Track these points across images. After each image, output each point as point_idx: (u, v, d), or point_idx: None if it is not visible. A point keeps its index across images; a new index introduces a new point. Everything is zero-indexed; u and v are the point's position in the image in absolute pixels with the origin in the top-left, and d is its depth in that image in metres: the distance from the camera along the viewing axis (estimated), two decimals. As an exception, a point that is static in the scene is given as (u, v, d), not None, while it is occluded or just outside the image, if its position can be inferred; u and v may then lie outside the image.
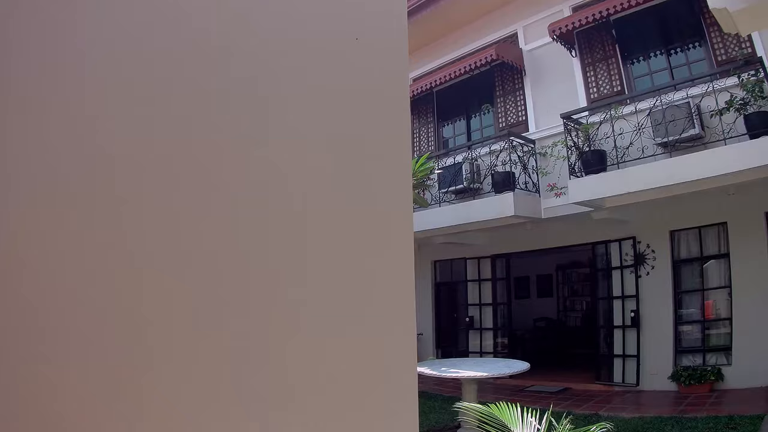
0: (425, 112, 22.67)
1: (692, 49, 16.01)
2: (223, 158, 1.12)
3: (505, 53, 18.58)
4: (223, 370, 1.06)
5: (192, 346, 1.02)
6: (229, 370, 1.07)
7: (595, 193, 14.62)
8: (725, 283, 15.62)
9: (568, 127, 15.64)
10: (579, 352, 22.52)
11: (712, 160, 12.56)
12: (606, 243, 18.16)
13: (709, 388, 14.84)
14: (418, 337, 21.92)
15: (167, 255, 1.01)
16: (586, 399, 15.89)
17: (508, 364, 13.07)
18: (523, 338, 24.95)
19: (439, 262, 23.73)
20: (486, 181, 17.72)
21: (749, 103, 12.59)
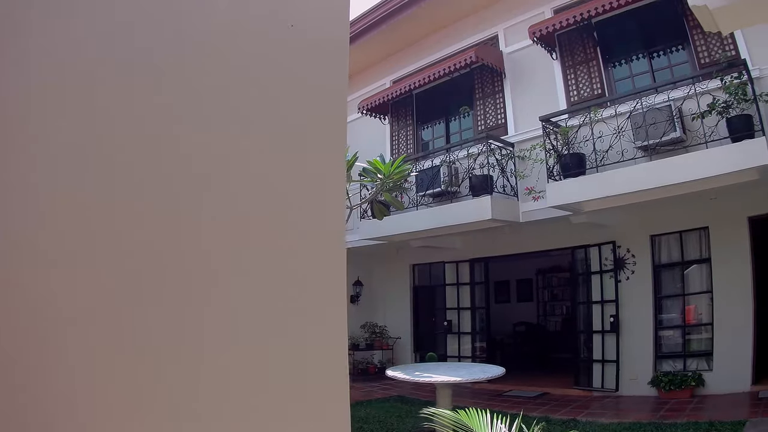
0: (405, 114, 22.37)
1: (675, 52, 15.69)
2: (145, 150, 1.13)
3: (485, 55, 18.20)
4: (139, 371, 1.07)
5: (102, 345, 1.03)
6: (147, 371, 1.08)
7: (573, 197, 14.41)
8: (706, 288, 15.43)
9: (546, 130, 15.39)
10: (559, 356, 22.41)
11: (693, 164, 12.38)
12: (586, 247, 17.91)
13: (690, 394, 14.68)
14: (396, 341, 21.75)
15: (80, 252, 1.01)
16: (564, 404, 15.70)
17: (483, 369, 12.94)
18: (503, 343, 24.74)
19: (417, 266, 23.47)
20: (464, 184, 17.47)
21: (732, 106, 12.41)
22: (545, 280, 28.78)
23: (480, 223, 16.46)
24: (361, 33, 20.94)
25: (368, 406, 16.17)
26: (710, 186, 12.73)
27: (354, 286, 23.39)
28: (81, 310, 1.00)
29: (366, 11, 20.75)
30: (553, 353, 23.74)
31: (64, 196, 1.03)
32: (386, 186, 13.48)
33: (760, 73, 12.91)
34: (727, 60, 13.09)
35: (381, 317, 23.57)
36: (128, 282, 1.07)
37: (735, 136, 12.13)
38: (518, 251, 20.32)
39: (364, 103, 21.58)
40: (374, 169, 13.33)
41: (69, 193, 1.03)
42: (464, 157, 17.42)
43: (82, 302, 1.00)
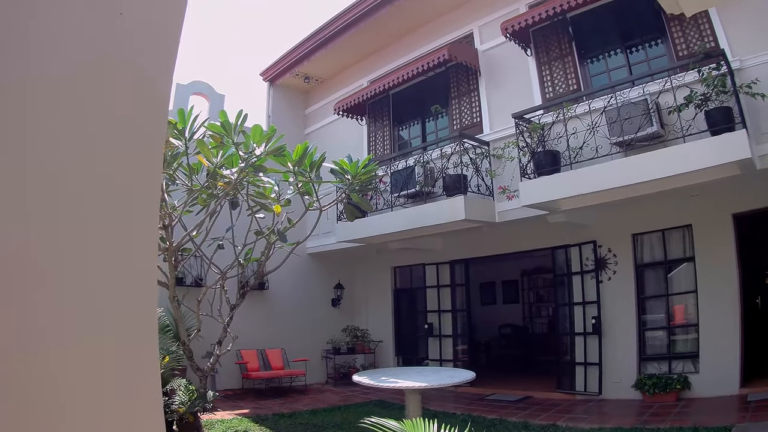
0: (381, 115, 21.83)
1: (652, 45, 15.11)
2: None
3: (459, 53, 17.65)
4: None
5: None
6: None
7: (547, 196, 13.95)
8: (691, 288, 15.01)
9: (520, 128, 14.86)
10: (543, 359, 21.90)
11: (670, 159, 11.86)
12: (566, 247, 17.46)
13: (675, 397, 14.21)
14: (378, 344, 21.31)
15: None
16: (546, 408, 15.21)
17: (452, 374, 12.42)
18: (487, 345, 24.44)
19: (398, 269, 23.01)
20: (439, 184, 16.88)
21: (710, 99, 11.79)
22: (530, 281, 28.24)
23: (454, 224, 15.99)
24: (336, 33, 20.56)
25: (346, 410, 15.79)
26: (690, 182, 12.33)
27: (335, 289, 22.99)
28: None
29: (341, 11, 20.20)
30: (538, 356, 23.29)
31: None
32: (354, 187, 13.03)
33: (741, 65, 12.39)
34: (704, 51, 12.49)
35: (363, 320, 23.09)
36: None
37: (714, 130, 11.59)
38: (498, 252, 19.94)
39: (340, 104, 21.09)
40: (341, 170, 12.90)
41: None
42: (438, 158, 16.99)
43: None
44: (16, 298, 1.54)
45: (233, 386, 19.30)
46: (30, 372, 1.46)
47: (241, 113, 11.20)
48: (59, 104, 1.59)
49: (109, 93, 1.72)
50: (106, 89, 1.75)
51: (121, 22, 1.60)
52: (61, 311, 1.81)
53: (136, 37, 1.67)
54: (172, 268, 11.84)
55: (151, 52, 1.78)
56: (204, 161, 11.14)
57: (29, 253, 1.64)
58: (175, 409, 11.43)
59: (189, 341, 12.19)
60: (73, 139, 1.58)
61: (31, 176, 1.32)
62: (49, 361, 1.64)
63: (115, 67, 1.68)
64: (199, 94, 21.42)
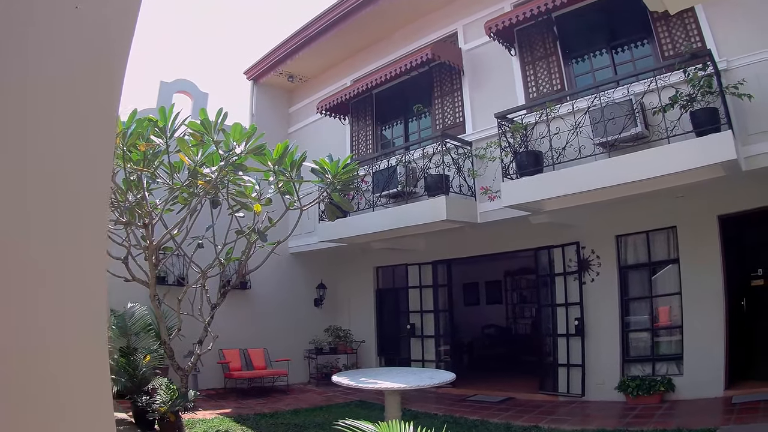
0: (364, 114, 21.56)
1: (638, 46, 14.95)
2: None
3: (443, 53, 17.41)
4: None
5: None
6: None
7: (529, 196, 13.79)
8: (675, 290, 14.87)
9: (502, 128, 14.65)
10: (527, 360, 21.73)
11: (654, 160, 11.74)
12: (549, 248, 17.31)
13: (659, 399, 14.07)
14: (360, 344, 21.15)
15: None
16: (528, 410, 15.00)
17: (432, 375, 12.19)
18: (470, 346, 24.28)
19: (381, 269, 22.75)
20: (420, 184, 16.68)
21: (696, 99, 11.64)
22: (513, 282, 28.13)
23: (436, 224, 15.80)
24: (321, 32, 20.29)
25: (327, 411, 15.59)
26: (675, 183, 12.17)
27: (317, 289, 22.70)
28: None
29: (326, 10, 19.91)
30: (521, 356, 23.15)
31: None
32: (335, 186, 12.92)
33: (728, 65, 12.27)
34: (691, 51, 12.39)
35: (345, 321, 22.82)
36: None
37: (699, 131, 11.44)
38: (480, 253, 19.76)
39: (323, 104, 20.83)
40: (322, 169, 12.79)
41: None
42: (420, 157, 16.79)
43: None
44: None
45: (216, 386, 19.05)
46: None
47: (221, 111, 11.07)
48: (6, 100, 1.58)
49: (58, 88, 1.68)
50: (54, 84, 1.70)
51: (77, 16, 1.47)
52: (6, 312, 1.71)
53: (89, 32, 1.55)
54: (152, 266, 11.72)
55: (104, 49, 1.74)
56: (185, 159, 11.02)
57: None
58: (157, 408, 11.34)
59: (170, 340, 12.07)
60: (14, 137, 1.54)
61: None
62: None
63: (66, 62, 1.65)
64: (183, 92, 21.21)
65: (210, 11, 53.59)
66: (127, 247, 11.91)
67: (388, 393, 10.98)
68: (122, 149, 10.66)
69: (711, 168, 11.34)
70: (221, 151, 10.92)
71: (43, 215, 1.71)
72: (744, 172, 11.60)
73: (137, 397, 12.36)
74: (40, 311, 1.72)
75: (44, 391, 1.76)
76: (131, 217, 11.57)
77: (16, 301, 1.67)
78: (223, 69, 55.36)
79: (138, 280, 11.89)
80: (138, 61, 47.99)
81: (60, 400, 1.76)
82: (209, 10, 53.61)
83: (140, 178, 11.36)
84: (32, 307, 1.69)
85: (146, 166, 11.14)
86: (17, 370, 1.62)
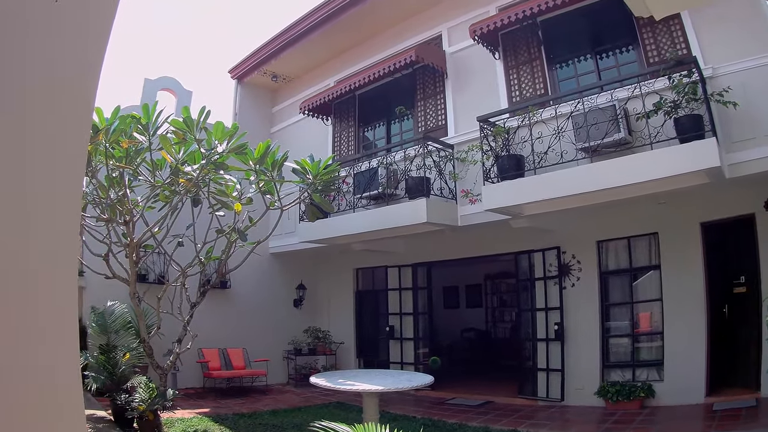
0: (347, 115, 21.37)
1: (623, 52, 14.88)
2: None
3: (427, 55, 17.27)
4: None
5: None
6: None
7: (510, 200, 13.72)
8: (656, 296, 14.84)
9: (485, 131, 14.52)
10: (506, 363, 21.64)
11: (637, 166, 11.75)
12: (529, 253, 17.24)
13: (639, 405, 14.02)
14: (339, 346, 21.05)
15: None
16: (507, 414, 14.89)
17: (410, 377, 12.08)
18: (449, 349, 24.09)
19: (361, 270, 22.57)
20: (401, 186, 16.55)
21: (680, 106, 11.59)
22: (493, 285, 27.96)
23: (416, 227, 15.71)
24: (305, 32, 20.08)
25: (306, 412, 15.46)
26: (657, 189, 12.21)
27: (297, 289, 22.45)
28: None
29: (311, 10, 19.70)
30: (501, 360, 23.12)
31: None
32: (316, 187, 12.90)
33: (713, 72, 12.28)
34: (676, 58, 12.38)
35: (325, 322, 22.61)
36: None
37: (683, 137, 11.38)
38: (461, 256, 19.66)
39: (306, 104, 20.60)
40: (303, 170, 12.76)
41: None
42: (402, 159, 16.63)
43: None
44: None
45: (195, 385, 18.83)
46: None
47: (204, 110, 11.00)
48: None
49: (36, 83, 1.67)
50: (33, 79, 1.69)
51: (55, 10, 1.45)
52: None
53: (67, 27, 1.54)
54: (132, 264, 11.67)
55: (82, 45, 1.74)
56: (167, 157, 10.98)
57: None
58: (135, 406, 11.21)
59: (149, 338, 12.02)
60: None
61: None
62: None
63: (43, 57, 1.64)
64: (167, 90, 21.01)
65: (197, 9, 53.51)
66: (108, 244, 11.86)
67: (366, 395, 10.82)
68: (105, 146, 10.62)
69: (694, 175, 11.33)
70: (203, 149, 10.87)
71: (13, 211, 1.69)
72: (728, 179, 11.56)
73: (116, 395, 12.16)
74: (11, 308, 1.71)
75: (13, 388, 1.74)
76: (113, 214, 11.49)
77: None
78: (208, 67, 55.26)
79: (118, 278, 11.82)
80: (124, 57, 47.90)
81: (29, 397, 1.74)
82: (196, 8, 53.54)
83: (122, 175, 11.29)
84: (2, 304, 1.68)
85: (128, 163, 11.08)
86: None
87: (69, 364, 1.93)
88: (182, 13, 53.86)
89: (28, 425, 1.67)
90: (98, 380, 13.25)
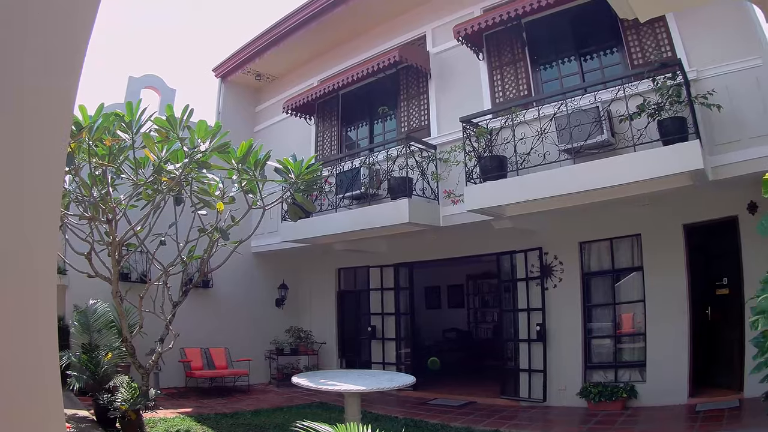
0: (330, 115, 21.31)
1: (607, 54, 14.86)
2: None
3: (411, 55, 17.25)
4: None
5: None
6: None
7: (492, 201, 13.71)
8: (639, 297, 14.86)
9: (467, 132, 14.49)
10: (488, 364, 21.63)
11: (620, 168, 11.73)
12: (511, 253, 17.20)
13: (622, 406, 14.01)
14: (321, 346, 20.97)
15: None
16: (489, 414, 14.88)
17: (391, 377, 12.06)
18: (431, 349, 23.93)
19: (343, 270, 22.47)
20: (383, 186, 16.63)
21: (664, 108, 11.56)
22: (475, 286, 27.95)
23: (398, 227, 15.70)
24: (290, 31, 19.94)
25: (288, 412, 15.39)
26: (640, 191, 12.19)
27: (279, 289, 22.31)
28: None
29: (295, 9, 19.57)
30: (483, 360, 23.09)
31: None
32: (299, 186, 12.87)
33: (698, 75, 12.36)
34: (661, 60, 12.38)
35: (307, 322, 22.52)
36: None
37: (666, 139, 11.39)
38: (443, 256, 19.63)
39: (290, 103, 20.48)
40: (285, 169, 12.73)
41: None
42: (384, 160, 16.56)
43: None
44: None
45: (177, 384, 18.66)
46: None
47: (187, 108, 10.90)
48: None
49: (14, 79, 1.66)
50: (11, 76, 1.68)
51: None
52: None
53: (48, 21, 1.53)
54: (114, 262, 11.57)
55: (62, 39, 1.73)
56: (150, 156, 10.94)
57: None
58: (118, 406, 11.13)
59: (131, 338, 11.94)
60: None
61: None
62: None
63: (21, 53, 1.63)
64: (151, 88, 20.84)
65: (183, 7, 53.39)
66: (91, 243, 11.80)
67: (348, 395, 10.87)
68: (88, 143, 10.57)
69: (678, 177, 11.32)
70: (186, 148, 10.82)
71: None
72: (711, 181, 11.57)
73: (99, 394, 12.01)
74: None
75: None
76: (95, 212, 11.42)
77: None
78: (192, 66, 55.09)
79: (101, 276, 11.70)
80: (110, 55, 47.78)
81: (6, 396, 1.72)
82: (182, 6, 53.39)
83: (105, 174, 11.25)
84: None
85: (111, 161, 10.96)
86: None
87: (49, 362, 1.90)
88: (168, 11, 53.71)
89: (4, 425, 1.64)
90: (81, 380, 13.10)
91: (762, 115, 11.40)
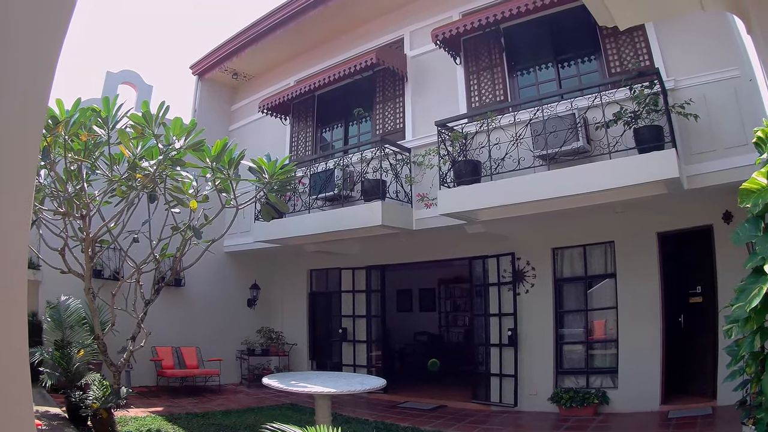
0: (305, 116, 21.10)
1: (585, 61, 14.80)
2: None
3: (387, 58, 17.11)
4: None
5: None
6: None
7: (465, 205, 13.64)
8: (611, 304, 14.84)
9: (442, 136, 14.39)
10: (459, 368, 21.41)
11: (595, 175, 11.68)
12: (484, 258, 17.09)
13: (593, 411, 13.97)
14: (292, 347, 20.80)
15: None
16: (460, 418, 14.78)
17: (362, 380, 12.00)
18: (403, 352, 23.99)
19: (315, 271, 22.28)
20: (357, 188, 16.42)
21: (641, 117, 11.51)
22: (447, 290, 27.87)
23: (371, 229, 15.58)
24: (268, 30, 19.75)
25: (258, 413, 15.29)
26: (614, 198, 12.20)
27: (251, 289, 22.08)
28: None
29: (274, 9, 19.38)
30: (454, 365, 22.87)
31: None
32: (272, 186, 12.84)
33: (675, 84, 12.39)
34: (638, 69, 12.38)
35: (278, 322, 22.33)
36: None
37: (642, 148, 11.34)
38: (415, 260, 19.56)
39: (265, 102, 20.26)
40: (259, 169, 12.69)
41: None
42: (358, 162, 16.45)
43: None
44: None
45: (148, 383, 18.35)
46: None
47: (163, 105, 10.80)
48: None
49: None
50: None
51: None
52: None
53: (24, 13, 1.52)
54: (88, 259, 11.49)
55: (37, 32, 1.72)
56: (125, 152, 10.88)
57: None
58: (90, 404, 11.05)
59: (103, 335, 11.87)
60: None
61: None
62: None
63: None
64: (128, 84, 20.54)
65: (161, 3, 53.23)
66: (65, 239, 11.74)
67: (319, 397, 10.78)
68: (64, 138, 10.52)
69: (653, 185, 11.27)
70: (161, 145, 10.78)
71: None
72: (686, 190, 11.51)
73: (71, 392, 11.78)
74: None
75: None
76: (69, 207, 11.36)
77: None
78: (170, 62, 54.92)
79: (74, 273, 11.64)
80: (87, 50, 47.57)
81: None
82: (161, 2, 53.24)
83: (80, 169, 11.20)
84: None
85: (87, 157, 10.90)
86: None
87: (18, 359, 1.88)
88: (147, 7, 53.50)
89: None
90: (53, 376, 12.96)
91: (739, 125, 11.32)
